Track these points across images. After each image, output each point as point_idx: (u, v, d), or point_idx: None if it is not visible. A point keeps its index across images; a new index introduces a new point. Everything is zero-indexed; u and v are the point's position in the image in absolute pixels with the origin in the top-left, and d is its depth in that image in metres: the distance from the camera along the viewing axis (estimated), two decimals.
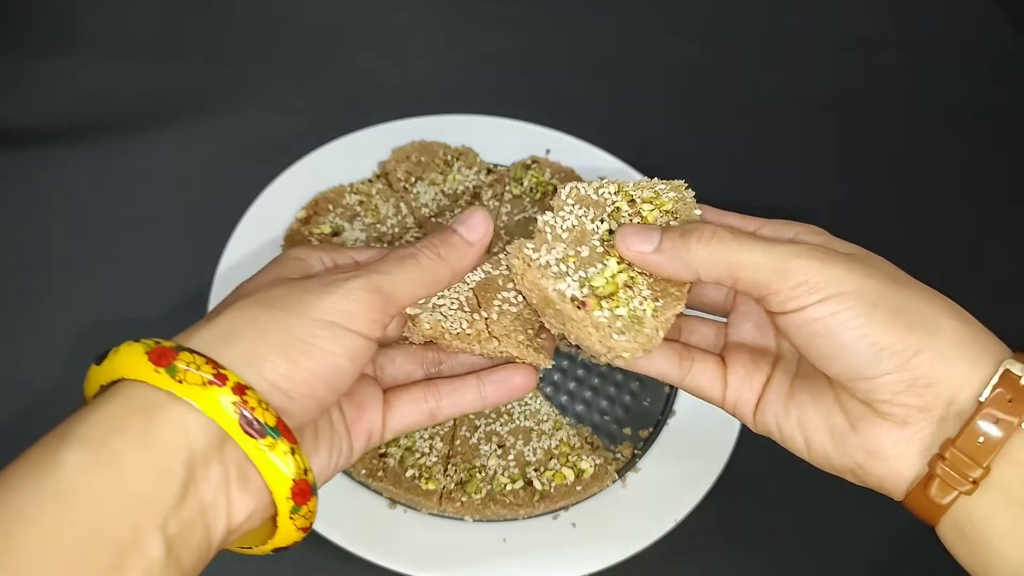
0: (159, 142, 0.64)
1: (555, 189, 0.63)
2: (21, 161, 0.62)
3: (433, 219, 0.61)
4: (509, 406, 0.53)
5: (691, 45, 0.81)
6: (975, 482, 0.32)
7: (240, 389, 0.29)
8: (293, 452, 0.30)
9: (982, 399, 0.32)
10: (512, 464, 0.51)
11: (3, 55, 0.67)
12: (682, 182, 0.42)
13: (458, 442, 0.51)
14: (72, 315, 0.55)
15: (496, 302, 0.39)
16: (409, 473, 0.49)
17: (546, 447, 0.52)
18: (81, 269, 0.57)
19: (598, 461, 0.51)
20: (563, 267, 0.37)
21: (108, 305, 0.56)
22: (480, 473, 0.50)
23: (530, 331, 0.40)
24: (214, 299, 0.53)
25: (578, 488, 0.50)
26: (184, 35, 0.73)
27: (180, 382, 0.28)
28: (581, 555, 0.48)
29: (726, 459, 0.52)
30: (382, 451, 0.50)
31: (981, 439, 0.32)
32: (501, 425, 0.52)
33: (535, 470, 0.50)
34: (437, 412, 0.39)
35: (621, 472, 0.52)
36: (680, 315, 0.41)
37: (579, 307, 0.36)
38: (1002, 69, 0.85)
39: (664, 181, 0.41)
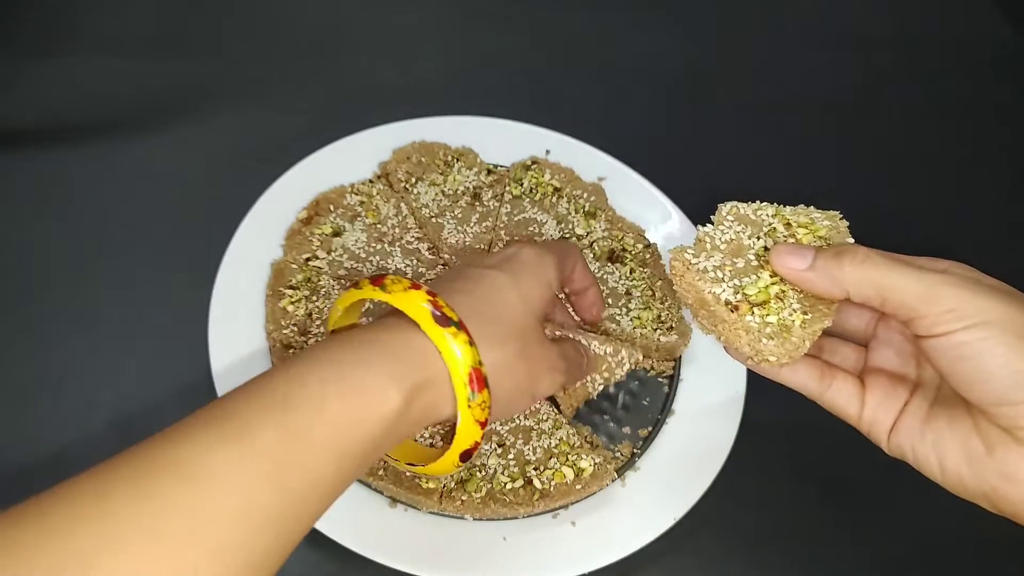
0: (160, 142, 0.65)
1: (555, 190, 0.63)
2: (21, 160, 0.62)
3: (434, 219, 0.61)
4: None
5: (691, 46, 0.81)
6: None
7: (432, 293, 0.37)
8: (471, 343, 0.37)
9: None
10: (512, 463, 0.51)
11: (3, 54, 0.68)
12: (837, 213, 0.44)
13: None
14: (71, 315, 0.55)
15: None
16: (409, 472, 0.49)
17: (546, 446, 0.52)
18: (81, 269, 0.57)
19: (598, 460, 0.51)
20: (719, 274, 0.40)
21: (108, 304, 0.56)
22: (480, 472, 0.50)
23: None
24: (215, 299, 0.53)
25: (578, 487, 0.50)
26: (185, 35, 0.73)
27: (388, 293, 0.38)
28: (581, 553, 0.48)
29: (725, 458, 0.52)
30: None
31: None
32: (501, 424, 0.52)
33: (535, 469, 0.50)
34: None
35: (620, 471, 0.52)
36: (823, 335, 0.42)
37: (732, 310, 0.39)
38: (1002, 69, 0.85)
39: (819, 211, 0.44)
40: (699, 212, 0.64)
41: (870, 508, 0.55)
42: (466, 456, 0.39)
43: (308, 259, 0.57)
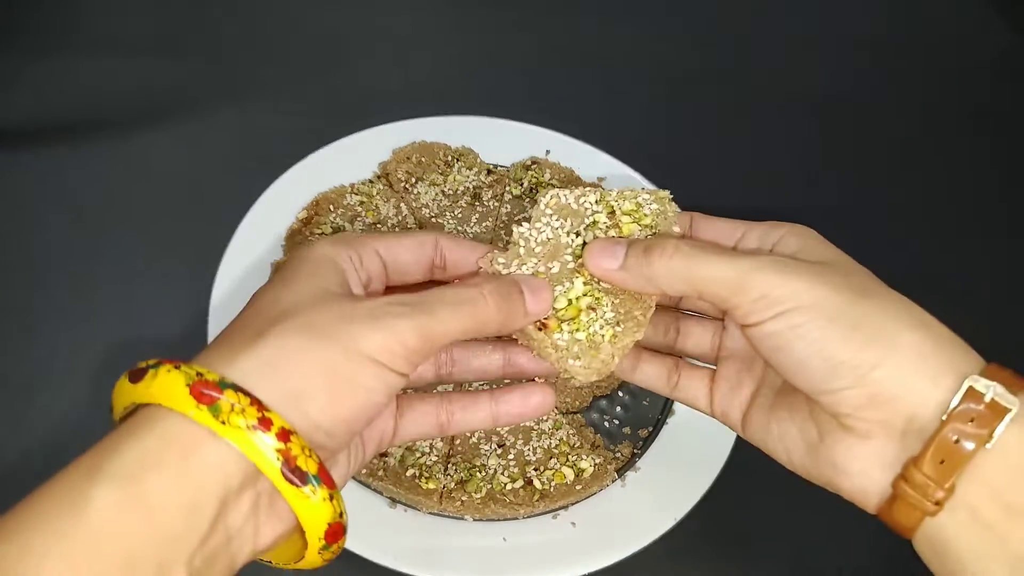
0: (160, 142, 0.65)
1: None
2: (21, 160, 0.62)
3: (434, 219, 0.61)
4: None
5: (691, 46, 0.81)
6: (939, 503, 0.31)
7: (284, 435, 0.28)
8: (331, 498, 0.29)
9: (944, 417, 0.31)
10: (512, 463, 0.51)
11: (3, 53, 0.68)
12: (667, 193, 0.41)
13: (458, 441, 0.52)
14: (71, 314, 0.55)
15: None
16: (409, 472, 0.49)
17: (546, 446, 0.52)
18: (81, 269, 0.57)
19: (598, 460, 0.51)
20: None
21: (108, 304, 0.56)
22: (480, 472, 0.50)
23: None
24: (215, 299, 0.53)
25: (578, 487, 0.50)
26: (186, 35, 0.73)
27: (223, 424, 0.27)
28: (581, 554, 0.48)
29: (725, 458, 0.52)
30: (383, 450, 0.50)
31: (942, 460, 0.31)
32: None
33: (535, 469, 0.50)
34: (448, 426, 0.39)
35: (621, 471, 0.52)
36: (680, 316, 0.41)
37: (540, 328, 0.37)
38: (1002, 70, 0.85)
39: (649, 191, 0.41)
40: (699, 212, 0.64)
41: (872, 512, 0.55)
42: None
43: None
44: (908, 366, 0.32)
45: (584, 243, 0.38)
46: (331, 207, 0.60)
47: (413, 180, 0.62)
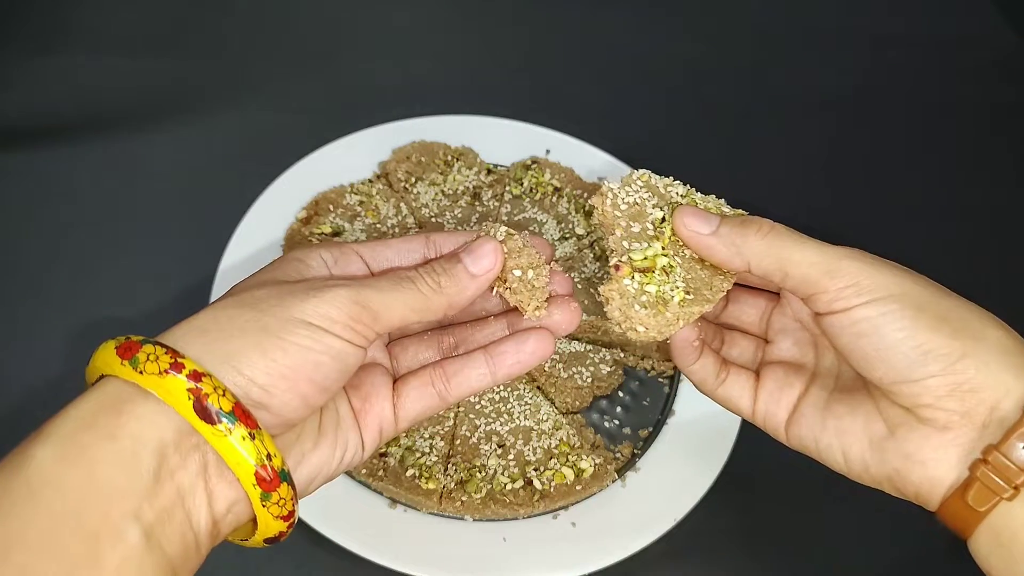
0: (159, 141, 0.65)
1: (555, 189, 0.63)
2: (20, 159, 0.62)
3: (434, 219, 0.61)
4: (509, 405, 0.53)
5: (691, 45, 0.81)
6: (1017, 488, 0.31)
7: (196, 376, 0.28)
8: (252, 437, 0.29)
9: None
10: (512, 464, 0.51)
11: (2, 53, 0.68)
12: (743, 212, 0.41)
13: (458, 441, 0.52)
14: (72, 314, 0.55)
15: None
16: (409, 472, 0.49)
17: (546, 447, 0.52)
18: (81, 268, 0.57)
19: (598, 461, 0.51)
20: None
21: (108, 304, 0.56)
22: (480, 472, 0.50)
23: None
24: (215, 299, 0.53)
25: (578, 488, 0.50)
26: (185, 34, 0.73)
27: (140, 372, 0.28)
28: (581, 554, 0.48)
29: (725, 459, 0.52)
30: (382, 451, 0.50)
31: None
32: (501, 425, 0.52)
33: (535, 469, 0.50)
34: (447, 393, 0.38)
35: (621, 472, 0.52)
36: (724, 329, 0.42)
37: (615, 268, 0.36)
38: (1002, 71, 0.85)
39: (729, 206, 0.41)
40: None
41: (870, 509, 0.55)
42: (273, 541, 0.32)
43: None
44: (994, 359, 0.32)
45: (663, 219, 0.39)
46: (330, 207, 0.60)
47: (413, 180, 0.62)
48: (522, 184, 0.63)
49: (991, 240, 0.72)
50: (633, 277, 0.36)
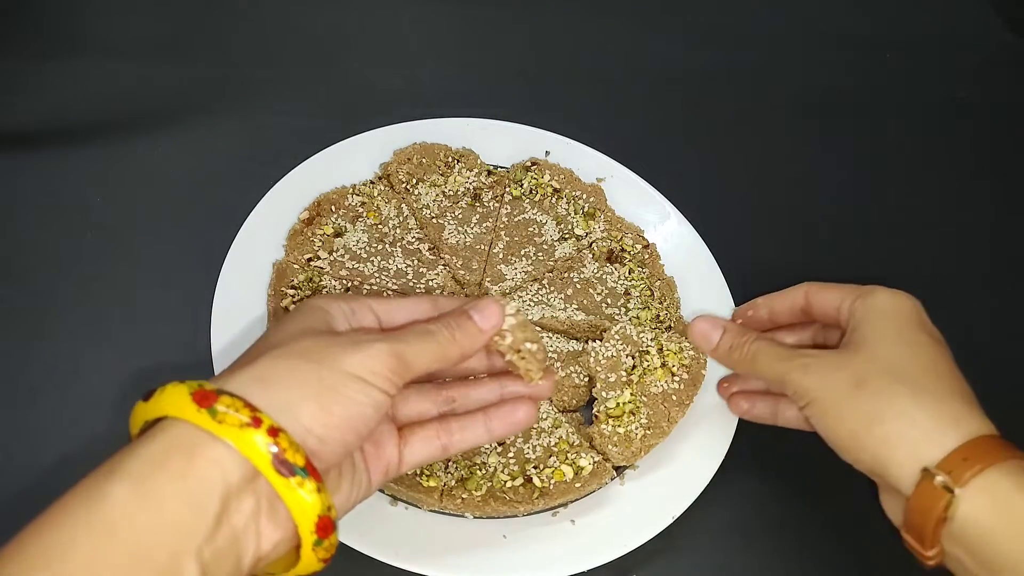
0: (163, 144, 0.65)
1: (555, 190, 0.64)
2: (25, 163, 0.62)
3: (435, 220, 0.61)
4: None
5: (691, 46, 0.82)
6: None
7: (274, 432, 0.31)
8: (319, 490, 0.32)
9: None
10: (512, 461, 0.51)
11: (7, 58, 0.68)
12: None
13: None
14: (74, 315, 0.55)
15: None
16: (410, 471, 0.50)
17: (545, 444, 0.52)
18: (84, 270, 0.58)
19: (596, 458, 0.52)
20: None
21: (110, 306, 0.56)
22: (480, 470, 0.50)
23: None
24: (218, 299, 0.54)
25: (577, 485, 0.50)
26: (188, 38, 0.73)
27: (220, 423, 0.31)
28: (580, 551, 0.48)
29: (723, 457, 0.52)
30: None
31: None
32: None
33: (535, 467, 0.51)
34: (449, 447, 0.42)
35: (619, 469, 0.52)
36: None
37: (594, 418, 0.52)
38: (999, 71, 0.86)
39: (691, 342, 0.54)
40: (698, 212, 0.64)
41: (868, 508, 0.55)
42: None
43: (310, 259, 0.57)
44: (887, 448, 0.38)
45: (633, 366, 0.54)
46: (332, 208, 0.60)
47: (414, 181, 0.63)
48: (522, 185, 0.64)
49: (991, 240, 0.72)
50: (608, 422, 0.52)
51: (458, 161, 0.64)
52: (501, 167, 0.65)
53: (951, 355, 0.41)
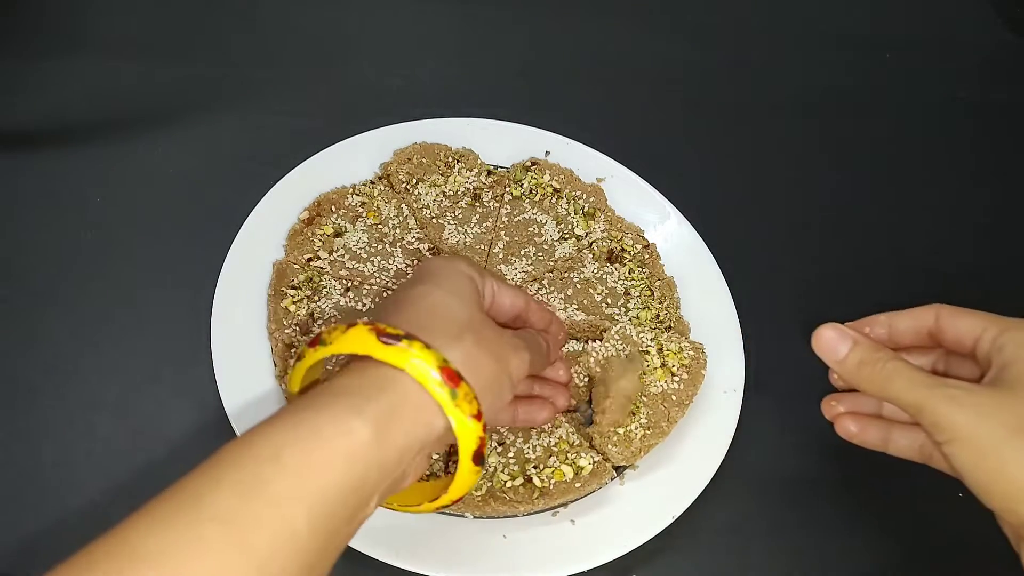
0: (163, 144, 0.65)
1: (555, 190, 0.64)
2: (25, 162, 0.62)
3: (435, 220, 0.61)
4: None
5: (690, 47, 0.82)
6: None
7: (370, 322, 0.37)
8: (428, 347, 0.37)
9: None
10: (512, 461, 0.51)
11: (7, 57, 0.68)
12: (702, 345, 0.57)
13: None
14: (75, 315, 0.56)
15: None
16: None
17: (545, 444, 0.52)
18: (84, 269, 0.58)
19: (597, 458, 0.52)
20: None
21: (111, 305, 0.56)
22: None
23: None
24: (218, 299, 0.54)
25: (577, 485, 0.50)
26: (188, 37, 0.73)
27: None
28: (579, 551, 0.48)
29: (723, 456, 0.52)
30: None
31: None
32: None
33: (535, 467, 0.51)
34: (514, 420, 0.51)
35: (619, 469, 0.52)
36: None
37: (594, 418, 0.53)
38: (999, 70, 0.86)
39: (690, 342, 0.57)
40: (698, 212, 0.64)
41: (868, 508, 0.55)
42: (478, 458, 0.38)
43: (310, 259, 0.58)
44: None
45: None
46: (332, 208, 0.60)
47: (414, 181, 0.63)
48: (522, 185, 0.64)
49: (990, 240, 0.72)
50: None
51: (458, 161, 0.64)
52: (501, 167, 0.65)
53: None
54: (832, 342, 0.43)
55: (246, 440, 0.33)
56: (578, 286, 0.60)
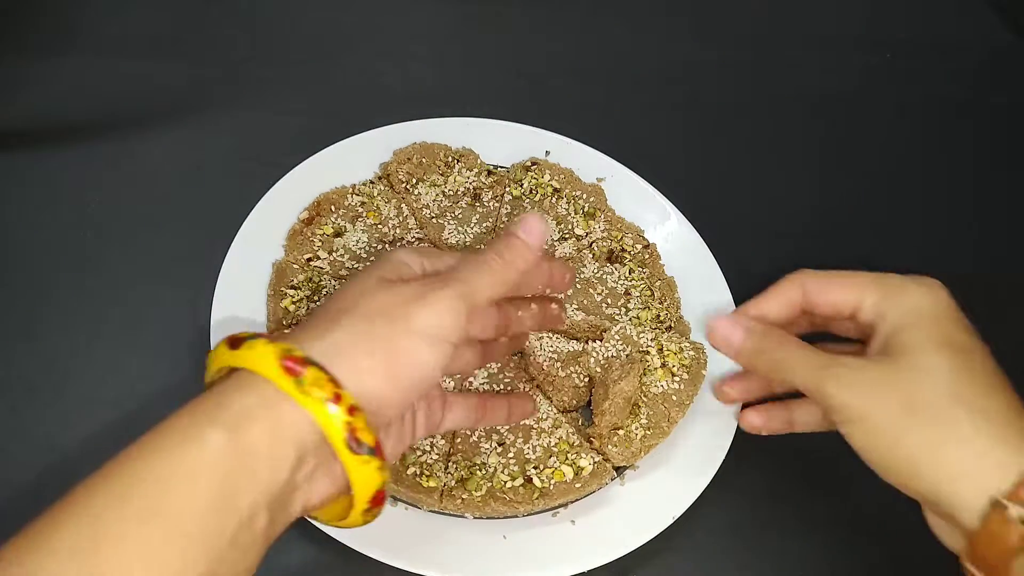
0: (162, 143, 0.65)
1: (555, 190, 0.64)
2: (22, 161, 0.62)
3: (435, 220, 0.61)
4: None
5: (690, 47, 0.82)
6: None
7: (351, 410, 0.33)
8: (381, 469, 0.34)
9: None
10: (512, 461, 0.51)
11: (6, 56, 0.68)
12: (702, 345, 0.56)
13: (459, 440, 0.52)
14: (74, 314, 0.55)
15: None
16: (410, 471, 0.50)
17: (545, 444, 0.52)
18: (83, 268, 0.58)
19: (597, 459, 0.52)
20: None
21: (110, 304, 0.56)
22: (480, 470, 0.50)
23: None
24: (217, 298, 0.54)
25: (577, 485, 0.50)
26: (187, 36, 0.73)
27: (305, 395, 0.32)
28: (580, 552, 0.48)
29: (723, 457, 0.52)
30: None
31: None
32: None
33: (535, 467, 0.51)
34: (479, 421, 0.46)
35: (619, 470, 0.52)
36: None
37: (593, 419, 0.53)
38: (999, 72, 0.86)
39: (691, 342, 0.57)
40: (698, 212, 0.64)
41: (868, 508, 0.55)
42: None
43: (310, 259, 0.57)
44: (948, 478, 0.36)
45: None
46: (332, 207, 0.60)
47: (414, 181, 0.63)
48: (522, 185, 0.64)
49: (990, 240, 0.72)
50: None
51: (458, 161, 0.64)
52: (501, 167, 0.65)
53: (990, 353, 0.39)
54: (724, 334, 0.42)
55: (121, 456, 0.31)
56: (578, 286, 0.60)
